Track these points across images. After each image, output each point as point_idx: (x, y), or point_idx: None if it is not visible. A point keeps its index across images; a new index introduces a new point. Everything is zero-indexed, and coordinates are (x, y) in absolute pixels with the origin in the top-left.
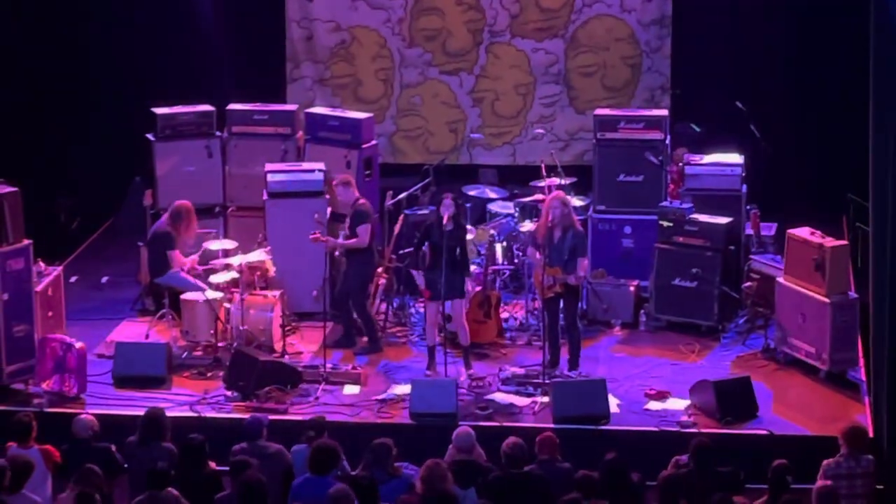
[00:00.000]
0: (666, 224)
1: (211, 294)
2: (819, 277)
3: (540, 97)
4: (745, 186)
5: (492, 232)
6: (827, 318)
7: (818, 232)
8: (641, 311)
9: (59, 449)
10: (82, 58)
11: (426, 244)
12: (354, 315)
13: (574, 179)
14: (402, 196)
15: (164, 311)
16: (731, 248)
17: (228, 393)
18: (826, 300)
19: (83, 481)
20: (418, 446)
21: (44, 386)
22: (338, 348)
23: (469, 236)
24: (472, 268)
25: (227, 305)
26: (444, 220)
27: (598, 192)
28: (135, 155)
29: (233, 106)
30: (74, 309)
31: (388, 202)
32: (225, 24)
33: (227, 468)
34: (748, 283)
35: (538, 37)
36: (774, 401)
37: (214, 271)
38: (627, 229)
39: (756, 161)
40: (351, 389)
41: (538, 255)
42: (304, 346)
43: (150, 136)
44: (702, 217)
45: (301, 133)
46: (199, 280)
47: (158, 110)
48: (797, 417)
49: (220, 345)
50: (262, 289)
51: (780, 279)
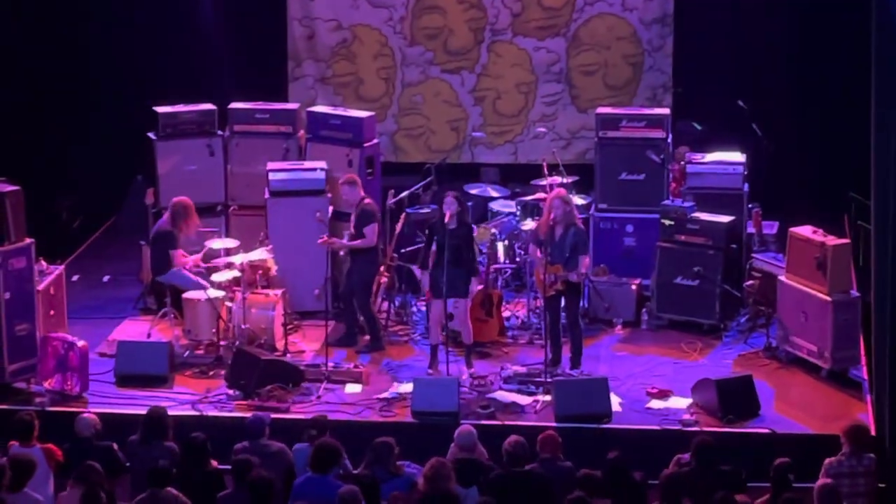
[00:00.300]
0: (668, 222)
1: (213, 293)
2: (821, 276)
3: (541, 96)
4: (746, 185)
5: (493, 230)
6: (829, 316)
7: (820, 230)
8: (643, 310)
9: (61, 448)
10: (82, 58)
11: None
12: (357, 314)
13: (576, 178)
14: (403, 195)
15: (166, 309)
16: (733, 246)
17: (230, 392)
18: (828, 299)
19: (83, 478)
20: (420, 445)
21: (46, 385)
22: (340, 347)
23: None
24: None
25: (228, 304)
26: (446, 218)
27: (599, 191)
28: (135, 154)
29: (234, 105)
30: (76, 308)
31: (390, 201)
32: (226, 23)
33: (229, 467)
34: (750, 282)
35: (540, 35)
36: (776, 399)
37: (216, 270)
38: (629, 228)
39: (758, 159)
40: (353, 388)
41: (539, 252)
42: (306, 345)
43: (151, 135)
44: (703, 215)
45: (303, 132)
46: (201, 278)
47: (160, 109)
48: (799, 416)
49: (221, 343)
50: (263, 287)
51: (782, 278)
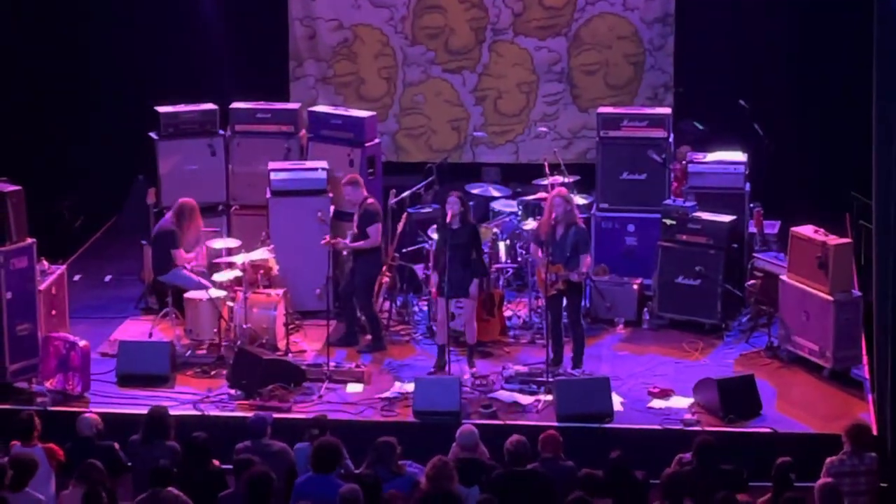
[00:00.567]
0: (669, 222)
1: (214, 292)
2: (822, 275)
3: (543, 95)
4: (748, 184)
5: (495, 230)
6: (830, 315)
7: (821, 230)
8: (645, 310)
9: (62, 447)
10: (82, 58)
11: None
12: (358, 313)
13: (577, 177)
14: (405, 194)
15: (168, 309)
16: (735, 246)
17: (232, 391)
18: (829, 298)
19: (85, 476)
20: (422, 444)
21: (47, 384)
22: (341, 346)
23: None
24: None
25: (230, 304)
26: (448, 218)
27: (601, 191)
28: (136, 154)
29: (236, 104)
30: (78, 307)
31: (392, 200)
32: (227, 22)
33: (231, 466)
34: (751, 281)
35: (541, 35)
36: (778, 398)
37: (218, 269)
38: (631, 227)
39: (759, 159)
40: (354, 388)
41: (540, 252)
42: (308, 345)
43: (153, 135)
44: (705, 215)
45: (304, 131)
46: (202, 278)
47: (161, 109)
48: (800, 415)
49: (223, 343)
50: (265, 287)
51: (784, 277)
